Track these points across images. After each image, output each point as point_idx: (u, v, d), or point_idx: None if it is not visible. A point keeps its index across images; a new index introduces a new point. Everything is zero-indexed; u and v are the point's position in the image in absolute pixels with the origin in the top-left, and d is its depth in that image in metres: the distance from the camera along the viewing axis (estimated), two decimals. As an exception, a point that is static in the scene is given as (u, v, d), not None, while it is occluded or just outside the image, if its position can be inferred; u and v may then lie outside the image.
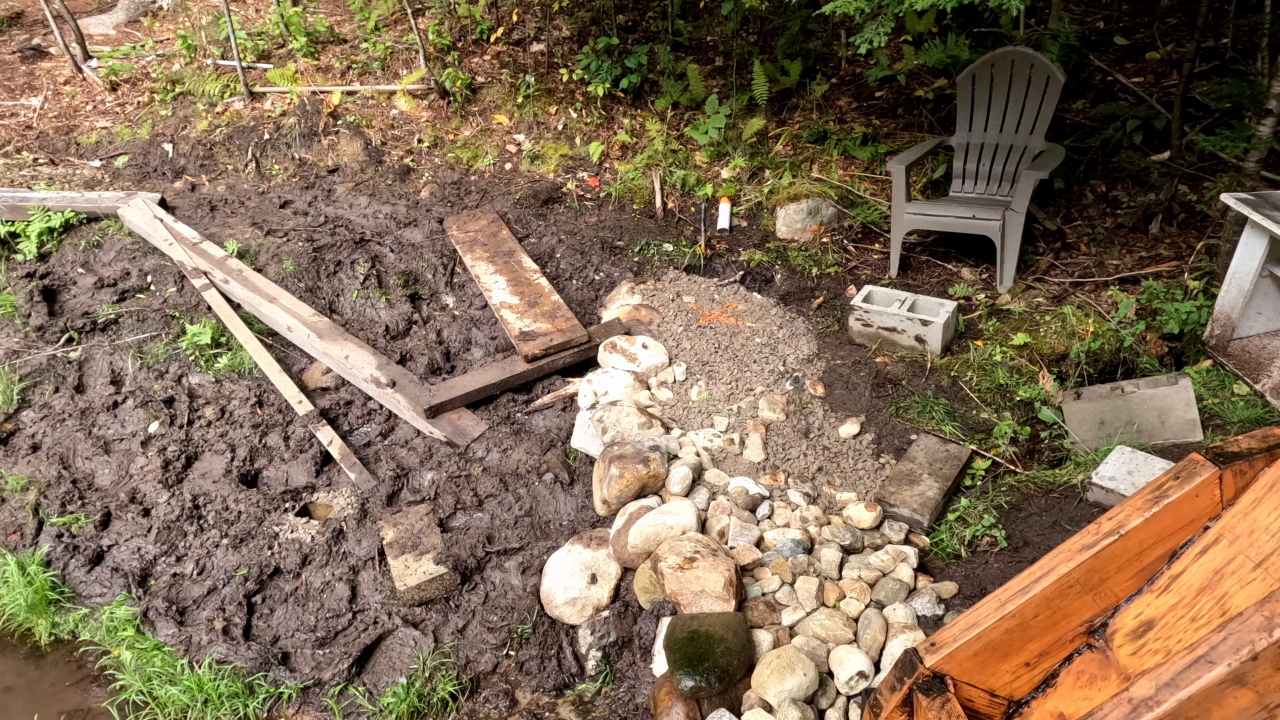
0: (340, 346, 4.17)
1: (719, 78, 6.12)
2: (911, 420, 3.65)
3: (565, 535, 3.35)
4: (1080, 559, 1.79)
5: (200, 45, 6.44)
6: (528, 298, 4.41)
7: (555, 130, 5.95)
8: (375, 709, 2.88)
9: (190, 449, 3.86)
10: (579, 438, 3.66)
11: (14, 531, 3.59)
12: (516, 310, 4.32)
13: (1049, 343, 3.93)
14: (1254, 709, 1.47)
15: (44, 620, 3.30)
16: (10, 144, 5.83)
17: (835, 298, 4.57)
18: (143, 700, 2.98)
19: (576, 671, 2.93)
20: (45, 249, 4.83)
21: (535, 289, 4.48)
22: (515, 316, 4.28)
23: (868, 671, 2.55)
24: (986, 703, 1.91)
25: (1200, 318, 3.83)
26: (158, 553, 3.48)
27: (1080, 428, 3.52)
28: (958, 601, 2.88)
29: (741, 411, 3.73)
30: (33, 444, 3.93)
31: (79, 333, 4.44)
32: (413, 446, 3.83)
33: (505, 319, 4.25)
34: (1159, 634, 1.75)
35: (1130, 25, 5.76)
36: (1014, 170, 4.59)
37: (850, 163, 5.39)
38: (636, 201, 5.35)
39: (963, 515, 3.20)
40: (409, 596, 3.15)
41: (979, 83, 4.62)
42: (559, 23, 6.51)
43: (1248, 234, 3.55)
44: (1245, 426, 3.34)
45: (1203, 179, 4.61)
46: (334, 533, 3.45)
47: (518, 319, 4.25)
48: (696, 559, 2.84)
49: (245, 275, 4.56)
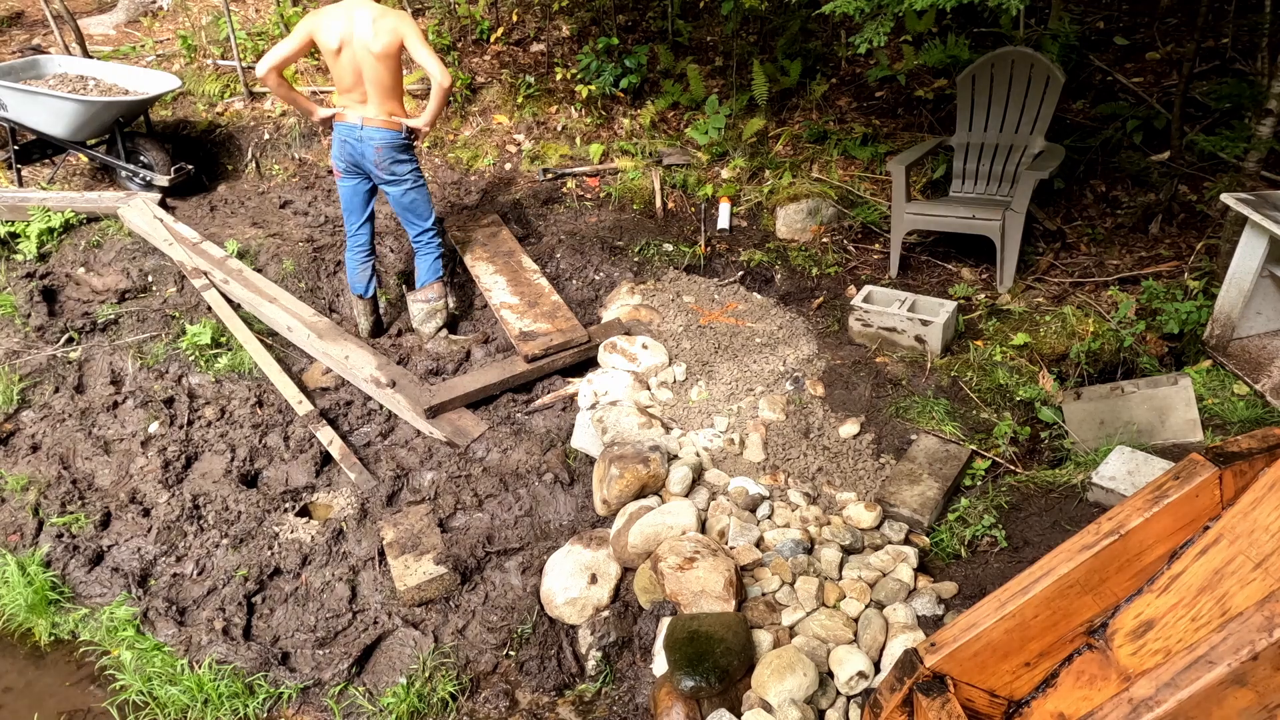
0: (340, 346, 4.17)
1: (719, 78, 6.12)
2: (911, 420, 3.65)
3: (565, 535, 3.35)
4: (1080, 559, 1.79)
5: (200, 45, 6.44)
6: (528, 298, 4.40)
7: (555, 130, 5.95)
8: (375, 709, 2.88)
9: (190, 449, 3.86)
10: (579, 438, 3.66)
11: (14, 531, 3.59)
12: (516, 310, 4.32)
13: (1049, 343, 3.93)
14: (1254, 709, 1.47)
15: (44, 620, 3.30)
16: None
17: (835, 298, 4.57)
18: (143, 700, 2.98)
19: (576, 671, 2.93)
20: (45, 249, 4.83)
21: (535, 289, 4.48)
22: (515, 316, 4.27)
23: (868, 671, 2.55)
24: (986, 703, 1.91)
25: (1200, 318, 3.83)
26: (158, 553, 3.48)
27: (1080, 428, 3.52)
28: (958, 601, 2.88)
29: (741, 411, 3.73)
30: (33, 444, 3.93)
31: (79, 333, 4.44)
32: (413, 446, 3.83)
33: (505, 319, 4.25)
34: (1159, 634, 1.75)
35: (1130, 25, 5.76)
36: (1014, 170, 4.59)
37: (850, 163, 5.39)
38: (636, 201, 5.35)
39: (963, 515, 3.20)
40: (409, 596, 3.15)
41: (979, 83, 4.62)
42: (559, 23, 6.51)
43: (1248, 234, 3.56)
44: (1245, 426, 3.34)
45: (1203, 179, 4.61)
46: (334, 533, 3.46)
47: (517, 319, 4.25)
48: (696, 559, 2.84)
49: (245, 275, 4.56)
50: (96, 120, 5.09)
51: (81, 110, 4.99)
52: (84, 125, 5.09)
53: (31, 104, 5.03)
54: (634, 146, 5.64)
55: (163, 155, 5.30)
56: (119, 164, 5.33)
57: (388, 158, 3.95)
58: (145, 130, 5.47)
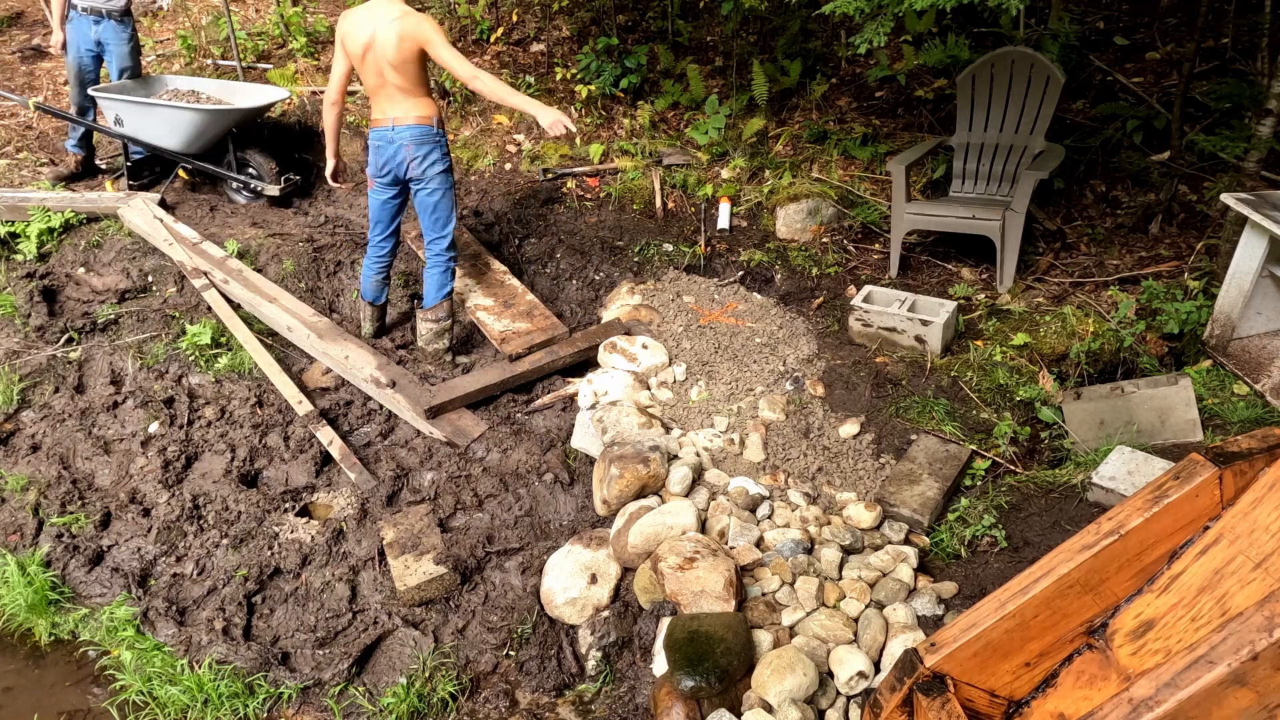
0: (340, 346, 4.17)
1: (719, 78, 6.13)
2: (911, 420, 3.65)
3: (565, 535, 3.35)
4: (1080, 559, 1.79)
5: (200, 45, 6.44)
6: (502, 299, 4.50)
7: (555, 130, 5.95)
8: (375, 709, 2.88)
9: (190, 449, 3.86)
10: (579, 438, 3.66)
11: (14, 531, 3.59)
12: (493, 312, 4.41)
13: (1049, 343, 3.93)
14: (1254, 709, 1.47)
15: (44, 620, 3.30)
16: (10, 144, 5.83)
17: (835, 298, 4.57)
18: (143, 700, 2.98)
19: (576, 672, 2.93)
20: (45, 249, 4.83)
21: (509, 290, 4.58)
22: (492, 318, 4.36)
23: (868, 671, 2.55)
24: (987, 703, 1.91)
25: (1200, 318, 3.83)
26: (158, 553, 3.48)
27: (1080, 428, 3.52)
28: (958, 601, 2.88)
29: (741, 411, 3.73)
30: (33, 444, 3.93)
31: (79, 333, 4.44)
32: (413, 446, 3.83)
33: (483, 321, 4.37)
34: (1159, 634, 1.75)
35: (1130, 25, 5.76)
36: (1014, 170, 4.59)
37: (850, 163, 5.39)
38: (636, 201, 5.35)
39: (963, 515, 3.21)
40: (409, 596, 3.15)
41: (979, 83, 4.62)
42: (559, 23, 6.51)
43: (1248, 234, 3.56)
44: (1245, 426, 3.34)
45: (1203, 179, 4.61)
46: (334, 533, 3.45)
47: (495, 320, 4.34)
48: (696, 559, 2.84)
49: (245, 275, 4.57)
50: (210, 131, 5.09)
51: (197, 120, 4.99)
52: (198, 136, 5.09)
53: (147, 117, 5.04)
54: (634, 146, 5.64)
55: (271, 165, 5.30)
56: (230, 175, 5.32)
57: (419, 154, 3.87)
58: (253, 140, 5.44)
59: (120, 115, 5.10)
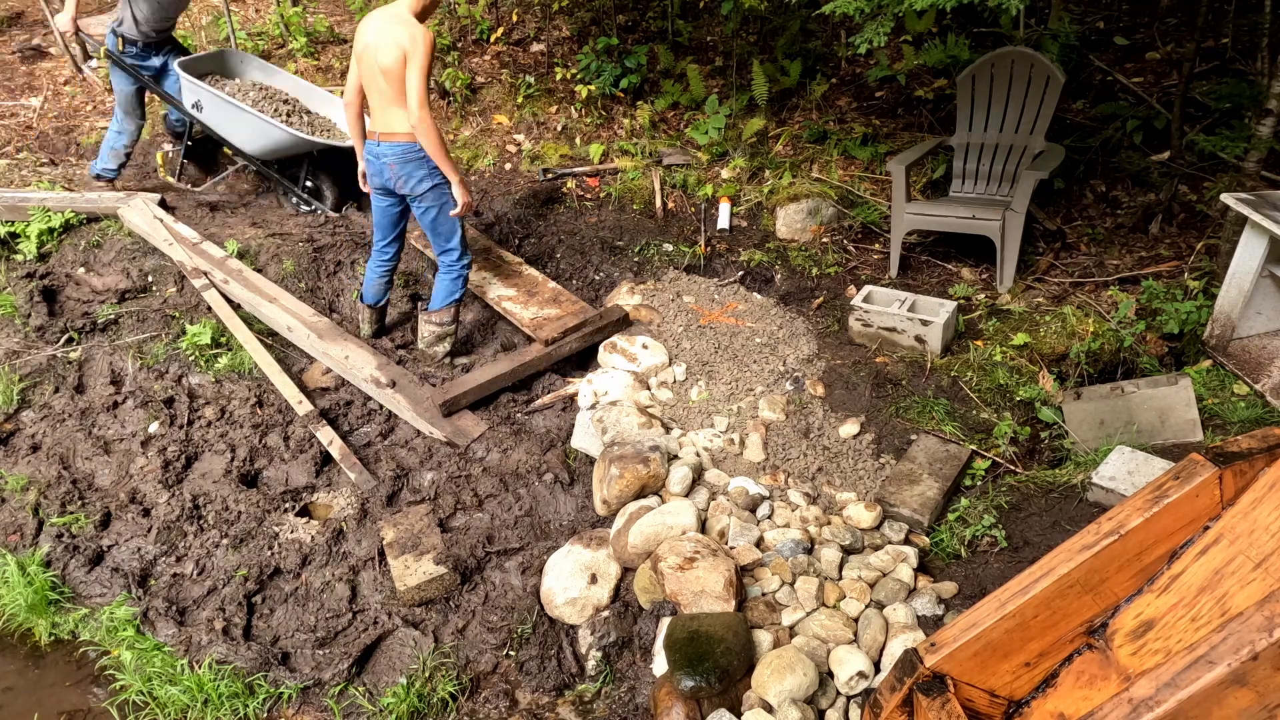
0: (340, 346, 4.17)
1: (719, 78, 6.13)
2: (911, 420, 3.65)
3: (565, 535, 3.35)
4: (1080, 559, 1.79)
5: (200, 46, 6.44)
6: (524, 288, 4.52)
7: (555, 130, 5.96)
8: (375, 709, 2.88)
9: (190, 449, 3.86)
10: (579, 438, 3.66)
11: (14, 531, 3.59)
12: (518, 301, 4.43)
13: (1049, 343, 3.93)
14: (1254, 709, 1.47)
15: (44, 620, 3.30)
16: (10, 144, 5.83)
17: (835, 298, 4.57)
18: (143, 700, 2.98)
19: (576, 671, 2.93)
20: (45, 249, 4.83)
21: (528, 279, 4.60)
22: (519, 307, 4.39)
23: (868, 671, 2.55)
24: (987, 703, 1.91)
25: (1200, 318, 3.83)
26: (158, 553, 3.48)
27: (1080, 428, 3.52)
28: (958, 601, 2.88)
29: (741, 411, 3.73)
30: (33, 444, 3.93)
31: (79, 333, 4.44)
32: (413, 447, 3.83)
33: (510, 311, 4.36)
34: (1159, 634, 1.75)
35: (1130, 25, 5.77)
36: (1014, 170, 4.59)
37: (850, 163, 5.39)
38: (636, 201, 5.35)
39: (963, 515, 3.21)
40: (409, 596, 3.15)
41: (979, 83, 4.62)
42: (559, 23, 6.51)
43: (1248, 234, 3.56)
44: (1245, 426, 3.34)
45: (1203, 179, 4.61)
46: (334, 533, 3.45)
47: (522, 309, 4.37)
48: (696, 559, 2.84)
49: (245, 275, 4.56)
50: (292, 151, 4.95)
51: (285, 139, 4.83)
52: (277, 150, 4.94)
53: (235, 117, 4.82)
54: (634, 146, 5.64)
55: (335, 189, 5.22)
56: (294, 190, 5.22)
57: (402, 173, 3.78)
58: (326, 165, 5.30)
59: (202, 101, 4.87)
